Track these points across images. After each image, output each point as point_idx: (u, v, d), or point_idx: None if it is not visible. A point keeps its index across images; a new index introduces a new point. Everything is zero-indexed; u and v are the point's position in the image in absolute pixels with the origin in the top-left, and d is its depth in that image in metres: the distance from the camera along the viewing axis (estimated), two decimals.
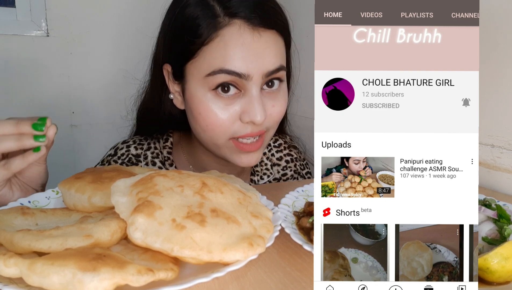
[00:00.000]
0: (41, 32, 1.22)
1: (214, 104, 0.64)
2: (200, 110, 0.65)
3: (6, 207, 0.47)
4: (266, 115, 0.65)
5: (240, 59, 0.62)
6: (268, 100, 0.67)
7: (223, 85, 0.63)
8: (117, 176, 0.48)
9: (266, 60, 0.63)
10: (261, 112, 0.63)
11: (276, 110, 0.68)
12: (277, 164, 0.88)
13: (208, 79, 0.63)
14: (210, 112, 0.64)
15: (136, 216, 0.37)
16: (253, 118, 0.63)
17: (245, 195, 0.47)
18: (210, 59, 0.63)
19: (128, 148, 0.80)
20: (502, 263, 0.38)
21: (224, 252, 0.36)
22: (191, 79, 0.66)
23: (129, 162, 0.78)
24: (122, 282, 0.31)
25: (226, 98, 0.64)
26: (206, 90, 0.64)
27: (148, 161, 0.78)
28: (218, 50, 0.62)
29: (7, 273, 0.32)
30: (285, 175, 0.88)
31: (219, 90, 0.64)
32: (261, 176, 0.85)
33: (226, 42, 0.62)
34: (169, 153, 0.80)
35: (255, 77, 0.63)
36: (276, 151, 0.89)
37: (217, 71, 0.62)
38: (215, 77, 0.62)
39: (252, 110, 0.63)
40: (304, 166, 0.93)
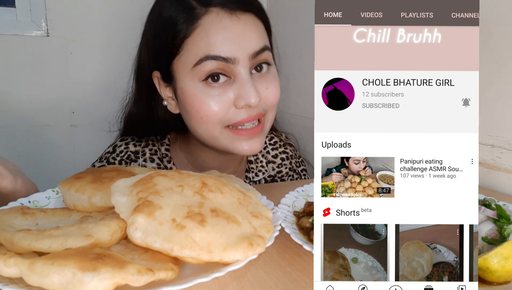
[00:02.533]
0: (41, 32, 1.22)
1: (206, 94, 0.64)
2: (194, 103, 0.66)
3: (6, 207, 0.47)
4: (261, 98, 0.65)
5: (223, 43, 0.62)
6: (259, 83, 0.67)
7: (213, 74, 0.64)
8: (117, 176, 0.48)
9: (249, 42, 0.64)
10: (254, 94, 0.63)
11: (271, 92, 0.68)
12: (272, 161, 0.89)
13: (196, 70, 0.63)
14: (203, 103, 0.65)
15: (136, 216, 0.37)
16: (247, 101, 0.63)
17: (245, 195, 0.47)
18: (194, 50, 0.63)
19: (126, 145, 0.80)
20: (502, 263, 0.38)
21: (224, 252, 0.36)
22: (180, 75, 0.67)
23: (128, 159, 0.78)
24: (122, 282, 0.31)
25: (217, 86, 0.64)
26: (196, 81, 0.65)
27: (146, 158, 0.78)
28: (201, 39, 0.63)
29: (7, 273, 0.32)
30: (280, 172, 0.89)
31: (209, 80, 0.64)
32: (256, 173, 0.85)
33: (207, 30, 0.62)
34: (167, 150, 0.81)
35: (242, 59, 0.63)
36: (271, 148, 0.90)
37: (203, 58, 0.62)
38: (202, 65, 0.63)
39: (245, 93, 0.63)
40: (299, 163, 0.94)
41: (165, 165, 0.79)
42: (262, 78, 0.68)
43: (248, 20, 0.65)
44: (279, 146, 0.91)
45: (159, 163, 0.78)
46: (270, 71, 0.70)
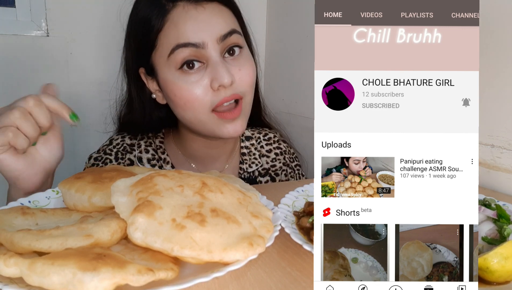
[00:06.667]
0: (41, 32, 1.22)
1: (183, 81, 0.69)
2: (175, 90, 0.71)
3: (6, 207, 0.47)
4: (235, 79, 0.70)
5: (190, 31, 0.68)
6: (232, 66, 0.71)
7: (187, 62, 0.69)
8: (117, 176, 0.48)
9: (215, 26, 0.69)
10: (227, 74, 0.68)
11: (244, 72, 0.73)
12: (266, 155, 0.92)
13: (171, 59, 0.69)
14: (183, 90, 0.70)
15: (136, 216, 0.37)
16: (220, 81, 0.68)
17: (245, 195, 0.47)
18: (167, 42, 0.69)
19: (123, 138, 0.85)
20: (502, 262, 0.38)
21: (224, 252, 0.36)
22: (159, 67, 0.72)
23: (124, 151, 0.82)
24: (122, 282, 0.31)
25: (193, 73, 0.69)
26: (173, 70, 0.70)
27: (141, 149, 0.83)
28: (171, 31, 0.69)
29: (7, 273, 0.32)
30: (274, 166, 0.92)
31: (185, 67, 0.69)
32: (249, 164, 0.89)
33: (176, 22, 0.68)
34: (161, 142, 0.85)
35: (210, 43, 0.68)
36: (265, 144, 0.94)
37: (174, 47, 0.68)
38: (175, 54, 0.68)
39: (218, 74, 0.68)
40: (293, 159, 0.97)
41: (159, 155, 0.83)
42: (235, 60, 0.72)
43: (213, 9, 0.70)
44: (273, 142, 0.95)
45: (153, 154, 0.82)
46: (242, 54, 0.74)
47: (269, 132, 0.96)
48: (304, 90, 1.25)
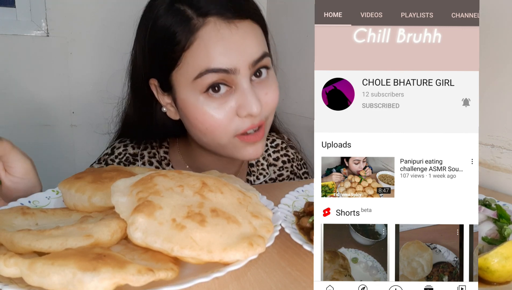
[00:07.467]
0: (41, 32, 1.22)
1: (208, 106, 0.64)
2: (196, 115, 0.65)
3: (6, 207, 0.47)
4: (262, 105, 0.65)
5: (223, 54, 0.62)
6: (259, 89, 0.67)
7: (213, 85, 0.63)
8: (117, 176, 0.48)
9: (248, 50, 0.63)
10: (256, 104, 0.63)
11: (270, 97, 0.68)
12: (273, 164, 0.88)
13: (197, 82, 0.63)
14: (206, 115, 0.64)
15: (136, 216, 0.37)
16: (249, 111, 0.63)
17: (245, 195, 0.47)
18: (194, 63, 0.62)
19: (125, 147, 0.80)
20: (502, 262, 0.38)
21: (224, 252, 0.36)
22: (180, 87, 0.66)
23: (127, 161, 0.78)
24: (122, 282, 0.31)
25: (218, 97, 0.64)
26: (197, 93, 0.64)
27: (145, 160, 0.78)
28: (200, 52, 0.62)
29: (7, 273, 0.32)
30: (281, 175, 0.88)
31: (210, 91, 0.64)
32: (257, 176, 0.85)
33: (206, 42, 0.61)
34: (166, 153, 0.80)
35: (242, 69, 0.63)
36: (273, 151, 0.90)
37: (203, 72, 0.62)
38: (203, 78, 0.62)
39: (247, 103, 0.63)
40: (301, 166, 0.93)
41: (163, 168, 0.78)
42: (262, 83, 0.68)
43: (246, 28, 0.64)
44: (280, 149, 0.91)
45: (157, 166, 0.78)
46: (269, 75, 0.69)
47: (277, 137, 0.92)
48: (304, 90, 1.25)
